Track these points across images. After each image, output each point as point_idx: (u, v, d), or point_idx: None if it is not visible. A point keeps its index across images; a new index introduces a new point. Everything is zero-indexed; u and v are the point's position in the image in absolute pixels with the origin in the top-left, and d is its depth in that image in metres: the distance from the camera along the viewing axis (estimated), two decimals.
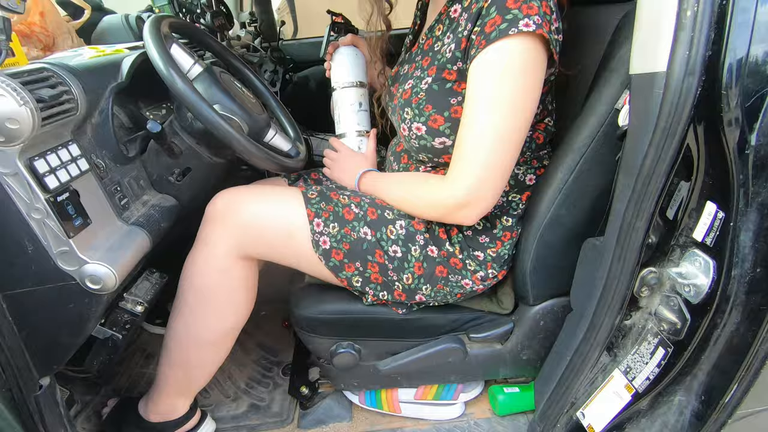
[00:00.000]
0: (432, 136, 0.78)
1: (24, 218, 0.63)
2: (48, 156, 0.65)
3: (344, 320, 0.91)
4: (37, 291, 0.69)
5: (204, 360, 0.89)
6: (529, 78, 0.67)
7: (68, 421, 0.83)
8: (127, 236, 0.77)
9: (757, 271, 0.58)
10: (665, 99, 0.56)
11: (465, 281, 0.84)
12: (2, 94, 0.55)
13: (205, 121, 0.76)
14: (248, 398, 1.12)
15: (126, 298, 0.86)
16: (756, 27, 0.50)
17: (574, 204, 0.81)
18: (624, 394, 0.78)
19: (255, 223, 0.82)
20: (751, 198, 0.56)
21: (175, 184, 0.90)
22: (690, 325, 0.66)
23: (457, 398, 1.04)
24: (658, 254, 0.70)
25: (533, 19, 0.64)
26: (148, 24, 0.78)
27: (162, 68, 0.75)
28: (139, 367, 1.22)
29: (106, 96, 0.77)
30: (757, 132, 0.53)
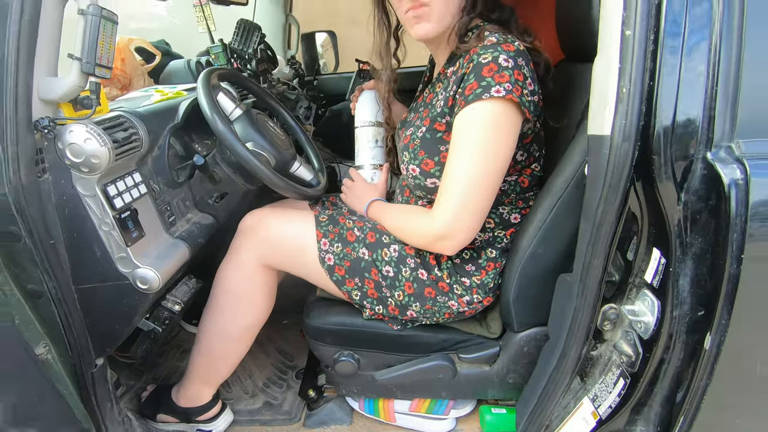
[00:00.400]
0: (424, 177, 0.90)
1: (96, 229, 0.82)
2: (117, 182, 0.83)
3: (346, 331, 1.03)
4: (99, 287, 0.88)
5: (228, 352, 1.04)
6: (500, 132, 0.78)
7: (114, 398, 1.01)
8: (172, 247, 0.95)
9: (694, 313, 0.65)
10: (610, 159, 0.66)
11: (451, 303, 0.95)
12: (89, 138, 0.74)
13: (238, 156, 0.93)
14: (264, 396, 1.27)
15: (167, 298, 1.04)
16: (678, 104, 0.59)
17: (551, 242, 0.89)
18: (590, 420, 0.84)
19: (275, 239, 0.98)
20: (687, 248, 0.64)
21: (214, 206, 1.08)
22: (642, 358, 0.73)
23: (449, 414, 1.12)
24: (618, 292, 0.78)
25: (504, 86, 0.75)
26: (201, 77, 0.97)
27: (207, 113, 0.93)
28: (176, 360, 1.40)
29: (165, 134, 0.96)
30: (685, 192, 0.61)
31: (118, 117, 0.84)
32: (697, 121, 0.59)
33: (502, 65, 0.76)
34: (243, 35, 1.47)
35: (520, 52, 0.79)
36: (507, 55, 0.77)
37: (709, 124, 0.59)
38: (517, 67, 0.77)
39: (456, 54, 0.88)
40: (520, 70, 0.78)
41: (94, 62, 0.71)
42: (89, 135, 0.74)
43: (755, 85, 0.57)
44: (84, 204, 0.80)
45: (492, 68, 0.77)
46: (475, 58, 0.79)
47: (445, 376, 1.05)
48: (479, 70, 0.77)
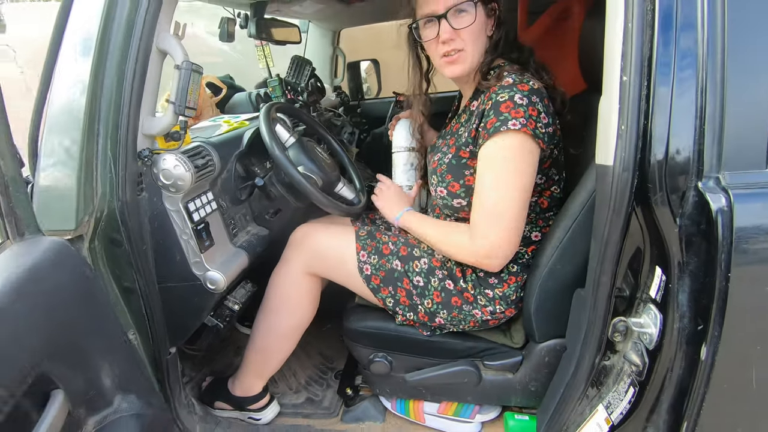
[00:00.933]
0: (451, 198, 1.02)
1: (177, 238, 1.00)
2: (195, 200, 1.01)
3: (380, 334, 1.15)
4: (177, 286, 1.05)
5: (277, 348, 1.19)
6: (520, 160, 0.89)
7: (181, 383, 1.18)
8: (234, 255, 1.12)
9: (693, 326, 0.72)
10: (613, 186, 0.74)
11: (476, 311, 1.04)
12: (177, 165, 0.93)
13: (291, 178, 1.09)
14: (306, 392, 1.40)
15: (229, 298, 1.21)
16: (670, 140, 0.68)
17: (568, 259, 0.98)
18: (603, 426, 0.90)
19: (320, 250, 1.12)
20: (684, 266, 0.71)
21: (269, 220, 1.25)
22: (648, 367, 0.79)
23: (474, 418, 1.21)
24: (628, 307, 0.85)
25: (519, 121, 0.86)
26: (262, 112, 1.15)
27: (267, 142, 1.10)
28: (231, 356, 1.58)
29: (232, 160, 1.14)
30: (680, 217, 0.69)
31: (198, 147, 1.03)
32: (689, 155, 0.67)
33: (517, 103, 0.88)
34: (296, 70, 1.66)
35: (534, 91, 0.90)
36: (521, 94, 0.88)
37: (699, 157, 0.67)
38: (531, 104, 0.88)
39: (479, 90, 1.00)
40: (534, 106, 0.88)
41: (185, 105, 0.89)
42: (177, 162, 0.93)
43: (737, 124, 0.65)
44: (170, 217, 0.98)
45: (509, 105, 0.88)
46: (493, 96, 0.91)
47: (471, 381, 1.14)
48: (497, 107, 0.89)
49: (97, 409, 0.71)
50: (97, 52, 0.82)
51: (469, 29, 0.95)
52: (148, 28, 0.85)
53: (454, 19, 0.95)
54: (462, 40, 0.95)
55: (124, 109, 0.86)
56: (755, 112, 0.65)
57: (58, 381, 0.60)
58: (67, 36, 0.84)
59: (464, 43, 0.96)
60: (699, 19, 0.66)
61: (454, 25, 0.94)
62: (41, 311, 0.59)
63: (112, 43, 0.83)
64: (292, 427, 1.28)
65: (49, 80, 0.86)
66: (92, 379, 0.69)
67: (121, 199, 0.89)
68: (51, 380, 0.60)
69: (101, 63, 0.83)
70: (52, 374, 0.59)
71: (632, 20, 0.69)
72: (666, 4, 0.67)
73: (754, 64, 0.64)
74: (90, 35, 0.82)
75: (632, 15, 0.69)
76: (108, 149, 0.86)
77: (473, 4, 0.94)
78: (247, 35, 1.56)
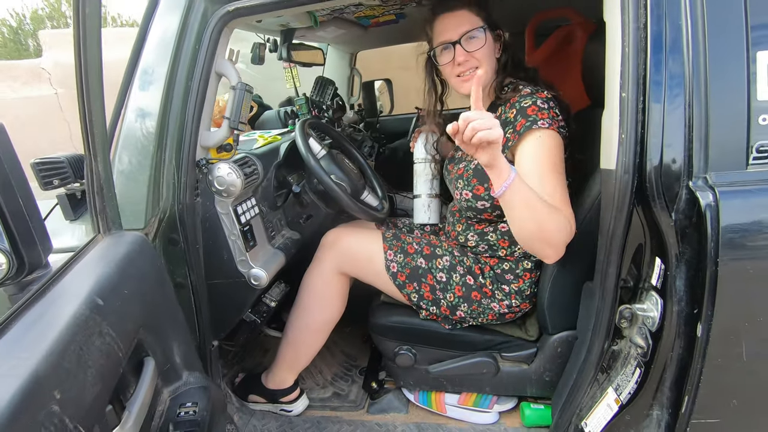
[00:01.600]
0: (476, 200, 1.13)
1: (226, 238, 1.12)
2: (242, 204, 1.14)
3: (405, 329, 1.25)
4: (223, 282, 1.17)
5: (308, 342, 1.29)
6: (555, 152, 1.00)
7: (221, 375, 1.28)
8: (273, 255, 1.23)
9: (689, 308, 0.82)
10: (616, 187, 0.86)
11: (494, 305, 1.15)
12: (230, 172, 1.05)
13: (324, 185, 1.21)
14: (333, 388, 1.50)
15: (266, 296, 1.32)
16: (664, 146, 0.79)
17: (578, 255, 1.08)
18: (613, 406, 0.99)
19: (349, 251, 1.23)
20: (680, 256, 0.81)
21: (302, 225, 1.37)
22: (652, 348, 0.89)
23: (492, 407, 1.29)
24: (633, 296, 0.95)
25: (546, 121, 0.99)
26: (298, 127, 1.28)
27: (303, 153, 1.23)
28: (260, 357, 1.68)
29: (271, 169, 1.27)
30: (675, 212, 0.80)
31: (245, 157, 1.16)
32: (680, 158, 0.79)
33: (540, 106, 1.00)
34: (320, 89, 1.81)
35: (550, 98, 1.03)
36: (542, 100, 1.02)
37: (688, 161, 0.78)
38: (551, 108, 1.01)
39: (496, 103, 1.13)
40: (553, 110, 1.01)
41: (238, 120, 1.02)
42: (230, 170, 1.05)
43: (719, 132, 0.76)
44: (220, 220, 1.10)
45: (534, 109, 1.00)
46: (517, 105, 1.04)
47: (489, 372, 1.23)
48: (524, 111, 1.01)
49: (170, 381, 0.81)
50: (168, 76, 0.96)
51: (480, 51, 1.08)
52: (209, 56, 0.98)
53: (467, 44, 1.08)
54: (475, 59, 1.08)
55: (187, 124, 0.99)
56: (734, 122, 0.76)
57: (149, 349, 0.72)
58: (141, 62, 0.98)
59: (478, 62, 1.09)
60: (684, 45, 0.78)
61: (467, 48, 1.08)
62: (136, 290, 0.70)
63: (180, 69, 0.97)
64: (322, 418, 1.37)
65: (124, 100, 0.99)
66: (168, 354, 0.80)
67: (181, 203, 1.02)
68: (143, 348, 0.71)
69: (171, 85, 0.96)
70: (145, 342, 0.70)
71: (629, 45, 0.81)
72: (656, 32, 0.79)
73: (732, 82, 0.76)
74: (163, 62, 0.96)
75: (629, 40, 0.81)
76: (173, 159, 0.99)
77: (483, 30, 1.08)
78: (277, 59, 1.70)
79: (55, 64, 3.22)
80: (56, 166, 1.04)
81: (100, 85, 0.70)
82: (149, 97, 0.96)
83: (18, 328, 0.50)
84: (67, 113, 3.22)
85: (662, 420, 0.94)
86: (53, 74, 3.24)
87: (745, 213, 0.74)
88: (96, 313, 0.56)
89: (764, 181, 0.75)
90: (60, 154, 1.06)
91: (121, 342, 0.60)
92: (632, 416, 0.97)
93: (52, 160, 1.04)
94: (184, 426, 0.72)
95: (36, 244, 0.66)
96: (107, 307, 0.59)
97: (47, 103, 2.96)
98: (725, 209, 0.74)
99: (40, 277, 0.66)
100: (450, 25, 1.09)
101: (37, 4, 13.78)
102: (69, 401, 0.44)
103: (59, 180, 1.05)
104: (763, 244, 0.74)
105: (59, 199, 1.09)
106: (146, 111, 0.96)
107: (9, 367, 0.43)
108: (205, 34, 0.97)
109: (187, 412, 0.75)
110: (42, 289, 0.59)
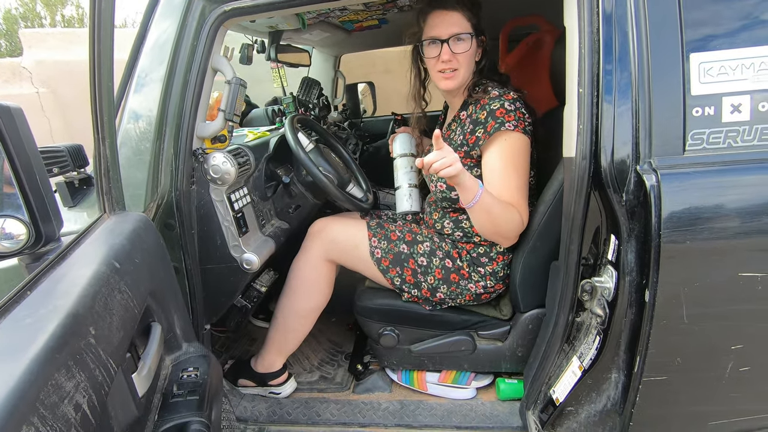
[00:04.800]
0: (449, 191, 1.23)
1: (220, 224, 1.18)
2: (235, 192, 1.21)
3: (388, 311, 1.34)
4: (217, 267, 1.23)
5: (297, 326, 1.36)
6: (518, 154, 1.12)
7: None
8: (264, 242, 1.30)
9: (639, 278, 0.93)
10: (576, 173, 0.97)
11: (471, 286, 1.24)
12: (225, 161, 1.12)
13: (313, 176, 1.29)
14: (319, 372, 1.56)
15: (256, 282, 1.38)
16: (615, 135, 0.91)
17: (546, 238, 1.19)
18: (577, 372, 1.10)
19: (336, 238, 1.31)
20: (630, 232, 0.93)
21: (290, 215, 1.44)
22: (609, 316, 1.00)
23: (470, 384, 1.39)
24: (593, 272, 1.06)
25: (512, 123, 1.10)
26: (287, 122, 1.36)
27: (293, 146, 1.31)
28: (247, 345, 1.73)
29: (262, 161, 1.34)
30: (625, 193, 0.91)
31: (238, 148, 1.23)
32: (629, 146, 0.90)
33: (508, 108, 1.11)
34: (306, 89, 1.89)
35: (517, 99, 1.14)
36: (509, 102, 1.12)
37: (636, 148, 0.89)
38: (517, 109, 1.11)
39: (468, 102, 1.23)
40: (520, 110, 1.11)
41: (233, 113, 1.10)
42: (225, 159, 1.12)
43: (660, 123, 0.88)
44: (214, 207, 1.17)
45: (502, 111, 1.11)
46: (487, 106, 1.14)
47: (467, 350, 1.33)
48: (493, 113, 1.12)
49: (172, 350, 0.87)
50: (168, 70, 1.03)
51: (464, 54, 1.18)
52: (206, 52, 1.06)
53: (454, 45, 1.18)
54: (457, 61, 1.19)
55: (185, 116, 1.06)
56: (672, 114, 0.87)
57: (156, 316, 0.78)
58: (142, 58, 1.05)
59: (459, 64, 1.19)
60: (631, 47, 0.89)
61: (453, 49, 1.18)
62: (145, 261, 0.77)
63: (179, 64, 1.04)
64: (310, 399, 1.43)
65: (125, 91, 1.05)
66: (170, 324, 0.86)
67: (178, 189, 1.08)
68: (151, 314, 0.77)
69: (170, 79, 1.03)
70: (152, 309, 0.77)
71: (584, 47, 0.93)
72: (607, 35, 0.91)
73: (670, 80, 0.87)
74: (162, 57, 1.03)
75: (584, 42, 0.93)
76: (171, 148, 1.05)
77: (470, 35, 1.18)
78: (265, 59, 1.78)
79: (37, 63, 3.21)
80: (56, 154, 1.10)
81: (110, 73, 0.77)
82: (149, 90, 1.03)
83: (48, 283, 0.57)
84: (48, 111, 3.21)
85: (619, 381, 1.05)
86: (34, 73, 3.23)
87: (682, 192, 0.86)
88: (115, 273, 0.63)
89: (698, 164, 0.87)
90: (60, 144, 1.12)
91: (136, 301, 0.66)
92: (593, 380, 1.07)
93: (52, 149, 1.10)
94: (187, 386, 0.78)
95: (51, 219, 0.72)
96: (123, 270, 0.66)
97: (28, 102, 2.95)
98: (665, 189, 0.85)
99: (55, 249, 0.73)
100: (442, 23, 1.18)
101: (10, 4, 13.45)
102: (102, 338, 0.50)
103: (59, 168, 1.11)
104: (697, 218, 0.86)
105: (58, 187, 1.13)
106: (148, 103, 1.03)
107: (49, 309, 0.49)
108: (203, 32, 1.04)
109: (189, 376, 0.82)
110: (62, 254, 0.65)
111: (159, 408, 0.76)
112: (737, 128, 0.87)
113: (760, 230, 0.86)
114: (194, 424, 0.71)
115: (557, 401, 1.14)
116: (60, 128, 3.26)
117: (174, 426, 0.71)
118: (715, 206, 0.87)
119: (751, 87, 0.86)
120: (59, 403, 0.40)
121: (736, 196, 0.87)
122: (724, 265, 0.88)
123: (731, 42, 0.87)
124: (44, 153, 1.07)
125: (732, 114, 0.87)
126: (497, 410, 1.33)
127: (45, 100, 3.20)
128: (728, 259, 0.88)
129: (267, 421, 1.36)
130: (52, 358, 0.41)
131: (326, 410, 1.38)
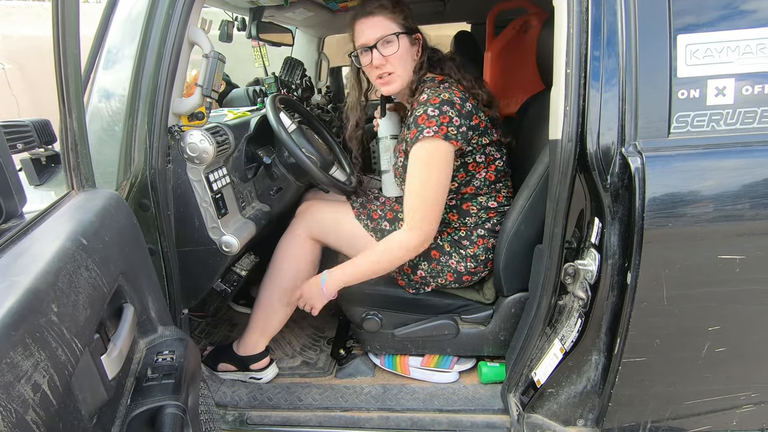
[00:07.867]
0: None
1: (197, 205, 1.14)
2: (213, 173, 1.16)
3: (372, 294, 1.32)
4: (195, 250, 1.19)
5: (280, 307, 1.34)
6: (434, 161, 1.10)
7: None
8: (244, 224, 1.27)
9: (621, 261, 0.93)
10: (561, 155, 0.96)
11: (451, 262, 1.25)
12: (203, 139, 1.08)
13: (296, 158, 1.26)
14: (302, 357, 1.55)
15: (236, 265, 1.35)
16: (601, 117, 0.90)
17: (530, 222, 1.19)
18: (558, 354, 1.11)
19: (321, 218, 1.31)
20: (613, 214, 0.93)
21: (271, 197, 1.40)
22: (591, 299, 1.00)
23: (453, 368, 1.39)
24: (576, 254, 1.06)
25: (432, 129, 1.07)
26: (269, 101, 1.32)
27: (275, 126, 1.27)
28: (226, 331, 1.70)
29: (242, 141, 1.30)
30: (610, 175, 0.91)
31: (216, 126, 1.18)
32: (615, 128, 0.90)
33: (429, 115, 1.08)
34: (289, 70, 1.83)
35: (445, 101, 1.10)
36: (433, 107, 1.09)
37: (621, 130, 0.89)
38: (441, 113, 1.08)
39: (409, 101, 1.22)
40: (444, 114, 1.08)
41: (211, 88, 1.05)
42: (203, 137, 1.08)
43: (646, 106, 0.87)
44: (192, 187, 1.13)
45: (423, 118, 1.09)
46: (414, 112, 1.13)
47: (450, 334, 1.33)
48: (416, 120, 1.10)
49: (146, 333, 0.84)
50: (141, 42, 0.97)
51: (395, 56, 1.17)
52: (182, 23, 1.01)
53: (383, 48, 1.16)
54: (391, 64, 1.17)
55: (160, 91, 1.01)
56: (658, 96, 0.87)
57: (128, 297, 0.75)
58: (112, 26, 0.99)
59: (393, 66, 1.18)
60: (619, 27, 0.88)
61: (383, 53, 1.16)
62: (115, 239, 0.73)
63: (153, 36, 0.99)
64: (292, 384, 1.42)
65: (95, 62, 0.99)
66: (144, 306, 0.83)
67: (153, 168, 1.03)
68: (123, 295, 0.74)
69: (144, 51, 0.98)
70: (124, 289, 0.73)
71: (573, 26, 0.91)
72: (596, 15, 0.90)
73: (657, 61, 0.87)
74: (134, 29, 0.97)
75: (573, 22, 0.91)
76: (145, 124, 1.01)
77: (396, 36, 1.16)
78: (246, 37, 1.72)
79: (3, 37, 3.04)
80: (21, 129, 1.04)
81: (76, 41, 0.72)
82: (121, 64, 0.98)
83: (6, 258, 0.53)
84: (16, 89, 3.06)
85: (599, 363, 1.06)
86: None
87: (666, 174, 0.86)
88: (81, 250, 0.59)
89: (682, 147, 0.87)
90: (25, 118, 1.06)
91: (105, 280, 0.63)
92: (574, 362, 1.08)
93: (17, 124, 1.03)
94: (162, 370, 0.75)
95: (12, 194, 0.67)
96: (91, 247, 0.62)
97: None
98: (650, 171, 0.85)
99: (17, 225, 0.68)
100: (366, 30, 1.18)
101: None
102: (65, 316, 0.47)
103: (24, 144, 1.05)
104: (680, 200, 0.86)
105: (23, 164, 1.08)
106: (118, 76, 0.98)
107: (6, 285, 0.46)
108: (178, 1, 0.99)
109: (164, 359, 0.79)
110: (24, 229, 0.61)
111: (132, 392, 0.73)
112: (721, 111, 0.87)
113: (740, 214, 0.87)
114: (169, 407, 0.69)
115: (538, 383, 1.15)
116: (28, 107, 3.12)
117: (148, 410, 0.68)
118: (697, 190, 0.87)
119: (735, 70, 0.86)
120: (14, 382, 0.37)
121: (717, 179, 0.87)
122: (704, 248, 0.89)
123: (718, 24, 0.86)
124: (7, 127, 1.01)
125: (716, 97, 0.87)
126: (479, 393, 1.34)
127: (12, 76, 3.05)
128: (708, 242, 0.88)
129: (247, 407, 1.34)
130: (6, 334, 0.38)
131: (308, 395, 1.36)
